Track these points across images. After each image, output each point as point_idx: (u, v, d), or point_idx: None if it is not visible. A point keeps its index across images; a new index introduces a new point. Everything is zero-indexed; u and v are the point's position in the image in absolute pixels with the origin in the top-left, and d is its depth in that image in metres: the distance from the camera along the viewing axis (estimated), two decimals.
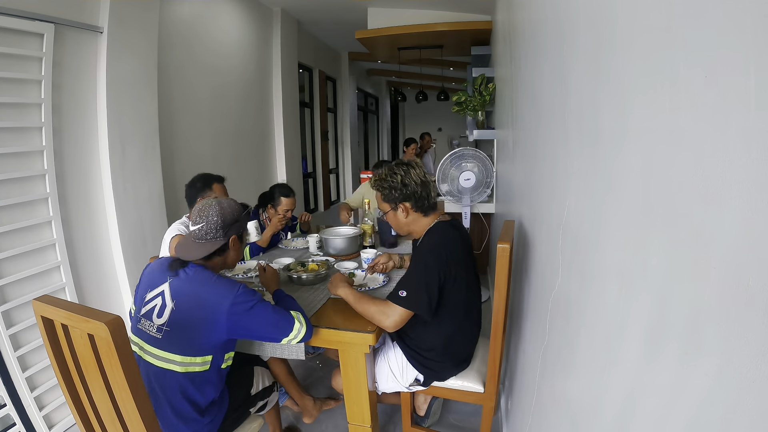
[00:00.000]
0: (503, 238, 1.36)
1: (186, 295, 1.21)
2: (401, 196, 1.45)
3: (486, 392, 1.52)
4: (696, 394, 0.40)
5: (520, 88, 1.68)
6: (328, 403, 2.06)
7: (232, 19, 3.74)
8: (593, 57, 0.71)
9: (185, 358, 1.19)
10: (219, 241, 1.26)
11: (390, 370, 1.56)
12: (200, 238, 1.26)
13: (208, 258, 1.27)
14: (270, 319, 1.22)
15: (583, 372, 0.75)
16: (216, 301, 1.18)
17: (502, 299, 1.39)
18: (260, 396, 1.51)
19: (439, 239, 1.42)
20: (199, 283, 1.22)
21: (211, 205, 1.27)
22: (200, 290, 1.21)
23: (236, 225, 1.31)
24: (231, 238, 1.29)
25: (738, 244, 0.34)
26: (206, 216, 1.26)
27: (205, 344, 1.20)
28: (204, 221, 1.25)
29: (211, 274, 1.24)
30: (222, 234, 1.27)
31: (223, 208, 1.28)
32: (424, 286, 1.34)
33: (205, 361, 1.22)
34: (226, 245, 1.30)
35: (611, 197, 0.62)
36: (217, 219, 1.25)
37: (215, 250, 1.26)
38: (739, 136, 0.33)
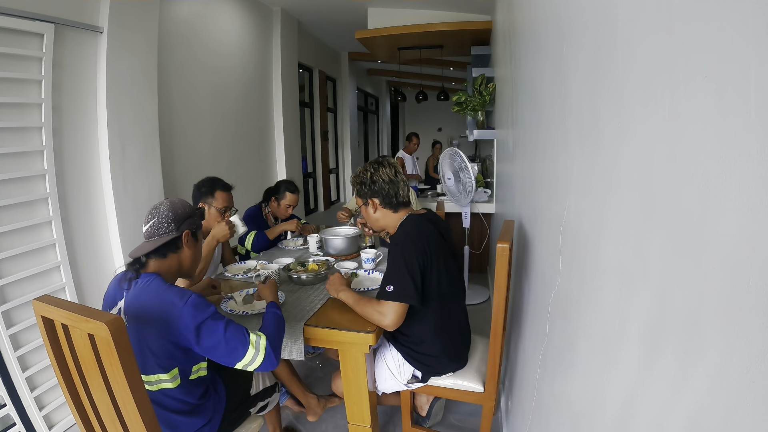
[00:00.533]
0: (503, 238, 1.36)
1: (136, 310, 1.14)
2: (370, 192, 1.52)
3: (486, 392, 1.52)
4: (696, 394, 0.40)
5: (520, 88, 1.68)
6: (332, 400, 2.03)
7: (232, 19, 3.74)
8: (593, 57, 0.71)
9: (152, 377, 1.15)
10: (170, 234, 1.21)
11: (388, 369, 1.57)
12: (152, 235, 1.20)
13: (162, 255, 1.21)
14: (219, 341, 1.11)
15: (583, 372, 0.75)
16: (165, 313, 1.11)
17: (502, 299, 1.39)
18: (260, 396, 1.51)
19: (412, 229, 1.47)
20: (148, 295, 1.14)
21: (162, 203, 1.25)
22: (149, 303, 1.13)
23: (189, 221, 1.26)
24: (184, 232, 1.23)
25: (738, 244, 0.34)
26: (156, 212, 1.22)
27: (165, 359, 1.14)
28: (155, 217, 1.21)
29: (161, 283, 1.16)
30: (174, 228, 1.21)
31: (174, 204, 1.25)
32: (407, 274, 1.36)
33: (174, 376, 1.17)
34: (179, 240, 1.23)
35: (611, 197, 0.62)
36: (168, 213, 1.21)
37: (166, 243, 1.20)
38: (739, 136, 0.33)
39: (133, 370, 0.97)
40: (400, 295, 1.36)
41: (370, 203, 1.53)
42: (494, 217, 3.24)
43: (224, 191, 2.01)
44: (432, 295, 1.45)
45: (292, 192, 2.52)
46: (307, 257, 2.18)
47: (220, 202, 1.97)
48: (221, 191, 2.00)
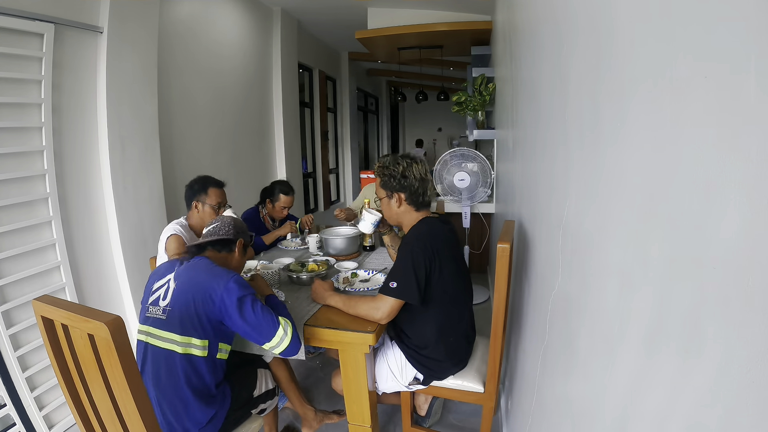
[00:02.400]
0: (503, 238, 1.36)
1: (186, 277, 1.28)
2: (398, 186, 1.50)
3: (486, 392, 1.52)
4: (696, 394, 0.40)
5: (520, 88, 1.68)
6: (331, 417, 1.93)
7: (232, 19, 3.74)
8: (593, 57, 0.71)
9: (184, 337, 1.23)
10: (229, 234, 1.40)
11: (389, 370, 1.56)
12: (212, 234, 1.40)
13: (218, 249, 1.39)
14: (253, 319, 1.23)
15: (584, 372, 0.75)
16: (210, 283, 1.24)
17: (502, 299, 1.39)
18: (262, 398, 1.51)
19: (425, 230, 1.46)
20: (200, 268, 1.30)
21: (225, 216, 1.47)
22: (199, 273, 1.28)
23: (245, 234, 1.46)
24: (238, 240, 1.42)
25: (738, 244, 0.34)
26: (221, 219, 1.44)
27: (201, 324, 1.23)
28: (218, 222, 1.43)
29: (211, 262, 1.32)
30: (233, 232, 1.41)
31: (236, 220, 1.47)
32: (412, 274, 1.37)
33: (204, 345, 1.25)
34: (234, 243, 1.42)
35: (611, 197, 0.62)
36: (230, 221, 1.43)
37: (224, 239, 1.39)
38: (739, 135, 0.33)
39: (133, 370, 0.97)
40: (401, 293, 1.37)
41: (396, 197, 1.51)
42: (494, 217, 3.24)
43: (216, 187, 2.01)
44: (437, 298, 1.45)
45: (285, 194, 2.50)
46: (307, 257, 2.18)
47: (213, 199, 1.97)
48: (213, 187, 2.00)
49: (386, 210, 1.56)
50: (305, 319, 1.44)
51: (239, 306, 1.22)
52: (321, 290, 1.58)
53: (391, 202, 1.52)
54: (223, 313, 1.23)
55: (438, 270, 1.41)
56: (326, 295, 1.55)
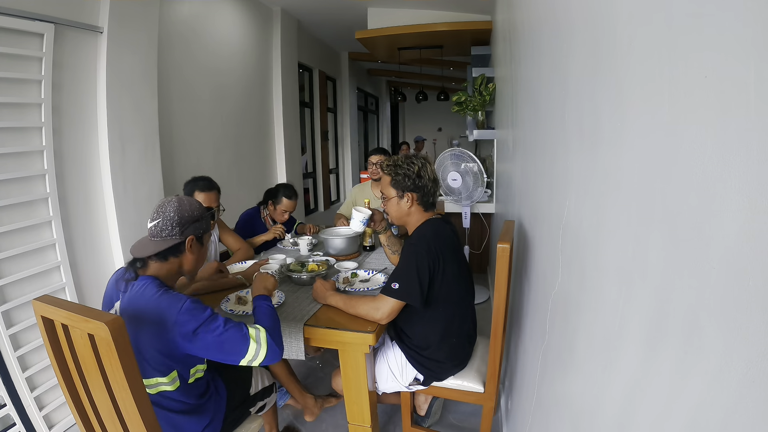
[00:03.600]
0: (503, 238, 1.36)
1: (132, 313, 1.12)
2: (412, 186, 1.48)
3: (486, 392, 1.52)
4: (696, 394, 0.40)
5: (520, 88, 1.68)
6: (329, 400, 2.05)
7: (232, 19, 3.74)
8: (593, 56, 0.71)
9: (150, 380, 1.14)
10: (174, 239, 1.17)
11: (389, 370, 1.57)
12: (155, 235, 1.17)
13: (163, 258, 1.18)
14: (217, 342, 1.09)
15: (583, 372, 0.75)
16: (160, 322, 1.09)
17: (502, 299, 1.39)
18: (260, 396, 1.51)
19: (429, 232, 1.46)
20: (144, 299, 1.12)
21: (170, 201, 1.19)
22: (145, 307, 1.11)
23: (195, 225, 1.21)
24: (188, 237, 1.20)
25: (738, 244, 0.34)
26: (162, 212, 1.17)
27: (162, 364, 1.13)
28: (160, 217, 1.17)
29: (157, 288, 1.13)
30: (178, 232, 1.17)
31: (182, 205, 1.19)
32: (415, 276, 1.37)
33: (173, 378, 1.16)
34: (182, 245, 1.20)
35: (611, 197, 0.62)
36: (174, 215, 1.17)
37: (168, 248, 1.17)
38: (739, 135, 0.33)
39: (133, 370, 0.97)
40: (403, 295, 1.37)
41: (407, 196, 1.48)
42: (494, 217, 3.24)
43: (203, 191, 1.95)
44: (441, 299, 1.45)
45: (289, 198, 2.50)
46: (306, 257, 2.18)
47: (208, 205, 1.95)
48: (200, 192, 1.94)
49: (394, 209, 1.52)
50: (305, 319, 1.44)
51: (194, 338, 1.08)
52: (322, 290, 1.58)
53: (402, 202, 1.50)
54: (185, 348, 1.11)
55: (441, 272, 1.41)
56: (327, 295, 1.55)
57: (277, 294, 1.65)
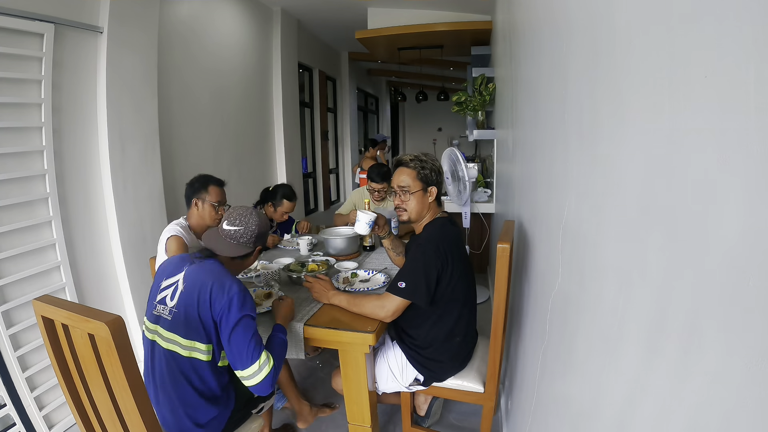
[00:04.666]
0: (503, 238, 1.36)
1: (195, 280, 1.25)
2: (435, 180, 1.54)
3: (486, 392, 1.52)
4: (696, 394, 0.40)
5: (520, 88, 1.68)
6: (323, 410, 2.05)
7: (233, 19, 3.74)
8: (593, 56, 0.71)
9: (188, 341, 1.22)
10: (249, 247, 1.34)
11: (390, 370, 1.57)
12: (234, 239, 1.32)
13: (232, 259, 1.34)
14: (240, 342, 1.19)
15: (583, 372, 0.75)
16: (215, 290, 1.21)
17: (502, 299, 1.39)
18: (262, 398, 1.52)
19: (438, 233, 1.47)
20: (210, 272, 1.26)
21: (252, 214, 1.35)
22: (208, 278, 1.24)
23: (264, 236, 1.39)
24: (257, 248, 1.38)
25: (738, 244, 0.34)
26: (246, 222, 1.32)
27: (204, 329, 1.22)
28: (243, 225, 1.32)
29: (224, 268, 1.29)
30: (253, 243, 1.34)
31: (262, 220, 1.37)
32: (422, 275, 1.38)
33: (208, 350, 1.24)
34: (251, 253, 1.37)
35: (611, 197, 0.62)
36: (255, 228, 1.33)
37: (242, 255, 1.33)
38: (739, 135, 0.33)
39: (133, 370, 0.97)
40: (410, 294, 1.38)
41: (430, 191, 1.53)
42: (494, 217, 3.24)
43: (217, 186, 2.02)
44: (446, 299, 1.45)
45: (289, 199, 2.48)
46: (306, 257, 2.18)
47: (213, 197, 1.98)
48: (214, 186, 2.00)
49: (417, 203, 1.53)
50: (305, 319, 1.44)
51: (235, 325, 1.19)
52: (323, 289, 1.58)
53: (425, 195, 1.53)
54: (219, 324, 1.22)
55: (449, 273, 1.42)
56: (330, 294, 1.55)
57: (278, 294, 1.65)
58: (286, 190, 2.51)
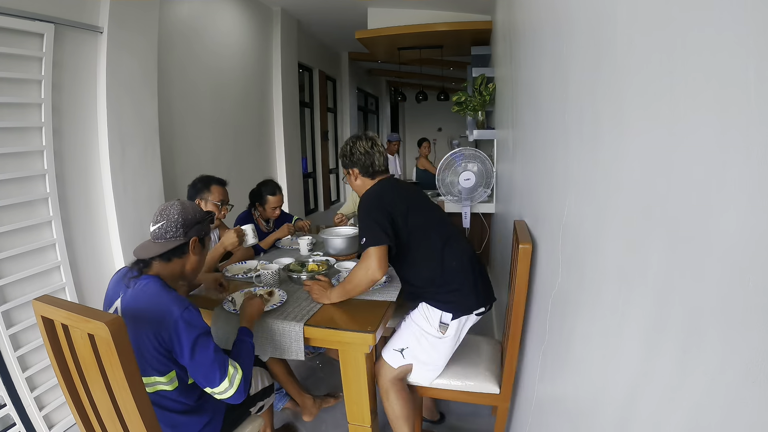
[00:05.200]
0: (523, 239, 1.29)
1: (133, 311, 1.14)
2: (350, 163, 1.67)
3: (501, 393, 1.50)
4: (696, 394, 0.40)
5: (520, 88, 1.68)
6: (327, 400, 2.06)
7: (232, 19, 3.74)
8: (593, 57, 0.71)
9: (148, 378, 1.15)
10: (178, 239, 1.21)
11: (418, 327, 1.53)
12: (159, 237, 1.20)
13: (167, 259, 1.21)
14: (203, 365, 1.12)
15: (583, 372, 0.75)
16: (158, 321, 1.11)
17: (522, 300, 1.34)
18: (260, 396, 1.51)
19: (375, 189, 1.61)
20: (147, 296, 1.14)
21: (173, 204, 1.23)
22: (146, 306, 1.13)
23: (198, 227, 1.25)
24: (191, 239, 1.23)
25: (738, 244, 0.34)
26: (167, 214, 1.21)
27: (160, 363, 1.14)
28: (164, 219, 1.20)
29: (161, 287, 1.16)
30: (182, 233, 1.21)
31: (185, 207, 1.24)
32: (374, 223, 1.46)
33: (171, 379, 1.17)
34: (186, 246, 1.23)
35: (611, 197, 0.62)
36: (178, 217, 1.21)
37: (173, 248, 1.20)
38: (739, 136, 0.33)
39: (133, 370, 0.97)
40: (373, 240, 1.44)
41: (351, 172, 1.69)
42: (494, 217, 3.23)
43: (219, 185, 2.04)
44: (415, 233, 1.52)
45: (272, 194, 2.47)
46: (306, 257, 2.18)
47: (216, 196, 1.99)
48: (216, 185, 2.03)
49: (352, 184, 1.73)
50: (305, 319, 1.44)
51: (191, 350, 1.10)
52: (321, 290, 1.58)
53: (351, 178, 1.71)
54: (174, 354, 1.13)
55: (402, 210, 1.51)
56: (329, 293, 1.55)
57: (279, 293, 1.65)
58: (268, 186, 2.49)
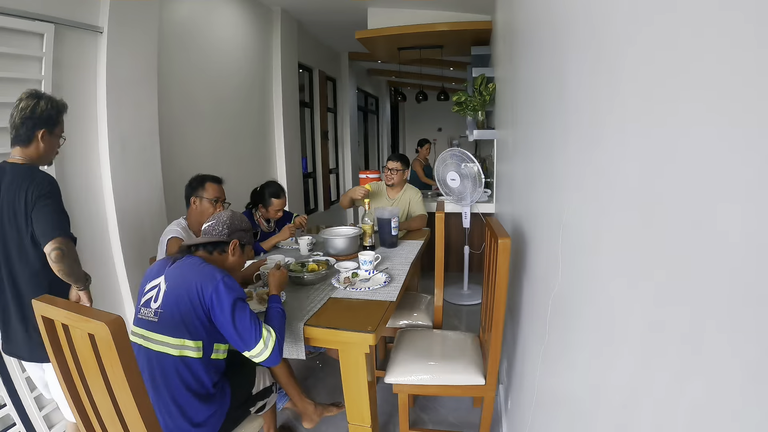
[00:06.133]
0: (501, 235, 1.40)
1: (176, 278, 1.27)
2: None
3: (487, 384, 1.56)
4: (696, 394, 0.40)
5: (520, 88, 1.68)
6: (330, 409, 1.99)
7: (233, 19, 3.74)
8: (593, 57, 0.71)
9: (177, 339, 1.22)
10: (222, 236, 1.38)
11: None
12: (206, 233, 1.39)
13: (209, 251, 1.37)
14: (239, 324, 1.23)
15: (583, 372, 0.75)
16: (199, 282, 1.23)
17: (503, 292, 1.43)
18: (261, 396, 1.52)
19: None
20: (189, 267, 1.29)
21: (226, 211, 1.44)
22: (189, 272, 1.27)
23: (241, 233, 1.42)
24: (233, 240, 1.39)
25: (738, 244, 0.34)
26: (218, 216, 1.41)
27: (193, 325, 1.23)
28: (215, 219, 1.40)
29: (204, 261, 1.31)
30: (226, 233, 1.38)
31: (235, 215, 1.43)
32: None
33: (198, 347, 1.24)
34: (227, 245, 1.39)
35: (611, 197, 0.62)
36: (226, 219, 1.40)
37: (215, 242, 1.37)
38: (740, 135, 0.33)
39: (133, 370, 0.97)
40: None
41: None
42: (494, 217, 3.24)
43: (215, 183, 2.05)
44: None
45: (276, 197, 2.47)
46: (306, 257, 2.18)
47: (210, 193, 2.00)
48: (211, 182, 2.04)
49: None
50: (305, 319, 1.44)
51: (231, 310, 1.22)
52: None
53: None
54: (213, 314, 1.24)
55: None
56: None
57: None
58: (272, 188, 2.49)
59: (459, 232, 3.57)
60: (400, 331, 1.90)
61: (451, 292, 3.49)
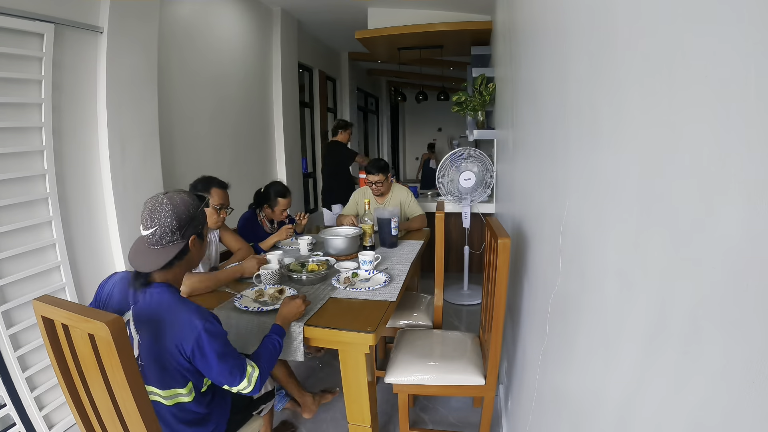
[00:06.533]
0: (501, 235, 1.39)
1: (149, 324, 1.11)
2: None
3: (487, 383, 1.56)
4: (696, 394, 0.40)
5: (520, 88, 1.68)
6: (325, 396, 2.09)
7: (233, 19, 3.74)
8: (593, 57, 0.71)
9: (168, 391, 1.16)
10: (177, 244, 1.12)
11: None
12: (155, 243, 1.11)
13: (169, 266, 1.13)
14: (224, 371, 1.13)
15: (583, 372, 0.75)
16: (178, 338, 1.09)
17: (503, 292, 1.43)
18: (262, 400, 1.52)
19: None
20: (163, 307, 1.11)
21: (162, 204, 1.11)
22: (165, 316, 1.10)
23: (193, 223, 1.16)
24: (190, 238, 1.15)
25: (738, 244, 0.34)
26: (158, 218, 1.10)
27: (179, 374, 1.14)
28: (156, 224, 1.10)
29: (177, 298, 1.14)
30: (179, 236, 1.12)
31: (176, 205, 1.12)
32: None
33: (189, 390, 1.18)
34: (186, 247, 1.15)
35: (611, 197, 0.62)
36: (171, 221, 1.10)
37: (175, 255, 1.12)
38: (739, 136, 0.33)
39: (133, 370, 0.97)
40: None
41: None
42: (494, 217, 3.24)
43: (220, 188, 2.01)
44: None
45: (282, 196, 2.47)
46: (306, 257, 2.18)
47: (216, 199, 1.98)
48: (217, 188, 2.00)
49: None
50: (305, 319, 1.44)
51: (217, 361, 1.11)
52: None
53: None
54: (195, 362, 1.12)
55: None
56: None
57: (289, 291, 1.66)
58: (278, 187, 2.48)
59: (459, 232, 3.57)
60: (400, 331, 1.90)
61: (451, 292, 3.49)
